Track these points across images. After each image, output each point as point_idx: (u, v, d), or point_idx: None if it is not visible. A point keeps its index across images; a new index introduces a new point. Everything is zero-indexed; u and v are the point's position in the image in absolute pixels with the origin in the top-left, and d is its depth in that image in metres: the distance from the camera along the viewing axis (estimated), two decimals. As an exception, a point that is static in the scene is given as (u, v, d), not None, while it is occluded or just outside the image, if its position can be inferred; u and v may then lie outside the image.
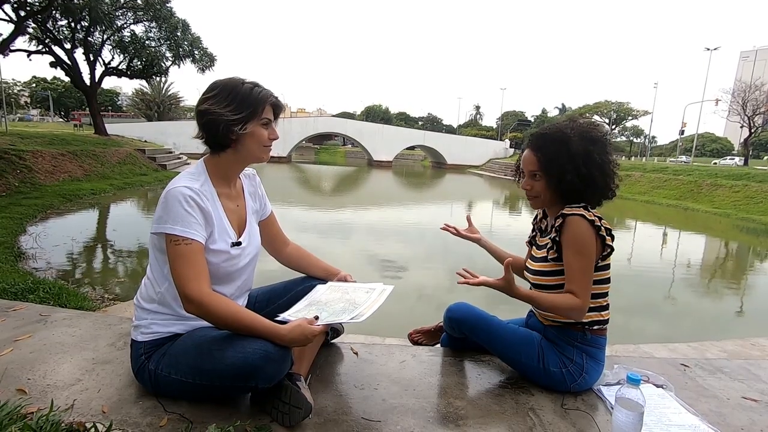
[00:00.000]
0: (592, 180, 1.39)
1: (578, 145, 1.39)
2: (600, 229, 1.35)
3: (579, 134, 1.41)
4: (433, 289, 5.41)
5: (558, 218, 1.41)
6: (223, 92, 1.28)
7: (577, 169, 1.38)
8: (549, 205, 1.52)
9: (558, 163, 1.39)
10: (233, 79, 1.31)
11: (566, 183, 1.39)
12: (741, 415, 1.45)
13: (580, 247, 1.35)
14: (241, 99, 1.27)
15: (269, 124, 1.34)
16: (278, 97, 1.36)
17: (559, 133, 1.43)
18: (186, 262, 1.19)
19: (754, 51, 71.68)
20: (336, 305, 1.35)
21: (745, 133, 25.52)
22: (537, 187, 1.47)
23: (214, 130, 1.27)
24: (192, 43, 19.12)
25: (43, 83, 52.85)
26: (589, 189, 1.40)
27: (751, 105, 24.18)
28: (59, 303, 3.23)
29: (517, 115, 63.88)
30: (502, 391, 1.49)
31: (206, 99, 1.28)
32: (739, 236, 11.87)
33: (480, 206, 16.81)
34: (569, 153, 1.39)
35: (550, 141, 1.43)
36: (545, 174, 1.43)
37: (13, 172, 9.63)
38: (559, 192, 1.43)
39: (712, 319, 5.18)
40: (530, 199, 1.52)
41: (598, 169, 1.40)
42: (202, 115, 1.28)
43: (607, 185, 1.43)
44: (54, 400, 1.24)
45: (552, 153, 1.41)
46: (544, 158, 1.42)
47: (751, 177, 16.62)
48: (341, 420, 1.28)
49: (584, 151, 1.39)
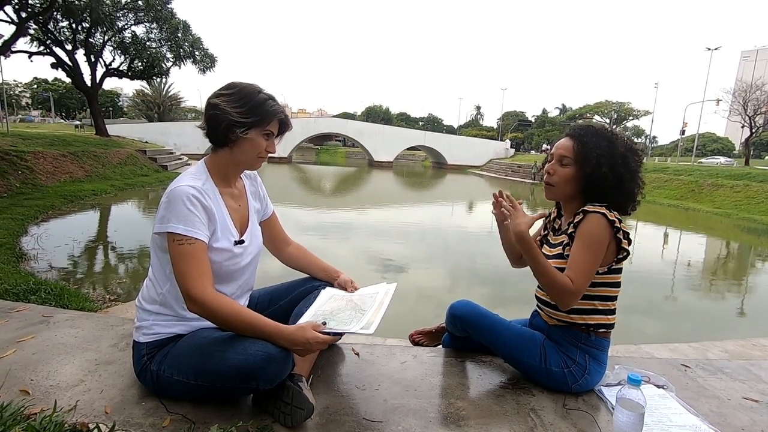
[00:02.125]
0: (623, 183, 1.40)
1: (621, 147, 1.42)
2: (618, 231, 1.34)
3: (623, 139, 1.45)
4: (434, 290, 5.40)
5: (578, 215, 1.40)
6: (238, 94, 1.30)
7: (614, 167, 1.38)
8: (564, 197, 1.50)
9: (597, 155, 1.39)
10: (252, 85, 1.33)
11: (599, 177, 1.39)
12: (742, 416, 1.45)
13: (590, 242, 1.34)
14: (252, 105, 1.29)
15: (271, 137, 1.35)
16: (287, 115, 1.38)
17: (605, 131, 1.45)
18: (189, 262, 1.20)
19: (755, 51, 71.44)
20: (343, 313, 1.35)
21: (746, 133, 25.48)
22: (559, 175, 1.45)
23: (217, 125, 1.29)
24: (193, 44, 19.12)
25: (44, 84, 52.95)
26: (616, 191, 1.40)
27: (752, 105, 24.11)
28: (61, 304, 3.23)
29: (517, 115, 63.83)
30: (504, 392, 1.49)
31: (220, 95, 1.30)
32: (740, 236, 11.85)
33: (481, 207, 16.81)
34: (611, 149, 1.40)
35: (593, 133, 1.44)
36: (578, 162, 1.42)
37: (14, 173, 9.64)
38: (586, 186, 1.42)
39: (713, 320, 5.17)
40: (546, 185, 1.50)
41: (632, 176, 1.41)
42: (210, 108, 1.30)
43: (633, 195, 1.44)
44: (57, 401, 1.25)
45: (592, 144, 1.41)
46: (583, 147, 1.41)
47: (752, 177, 16.58)
48: (343, 420, 1.28)
49: (624, 154, 1.41)
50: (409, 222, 11.15)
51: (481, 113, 79.00)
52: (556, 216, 1.63)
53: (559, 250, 1.48)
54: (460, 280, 6.00)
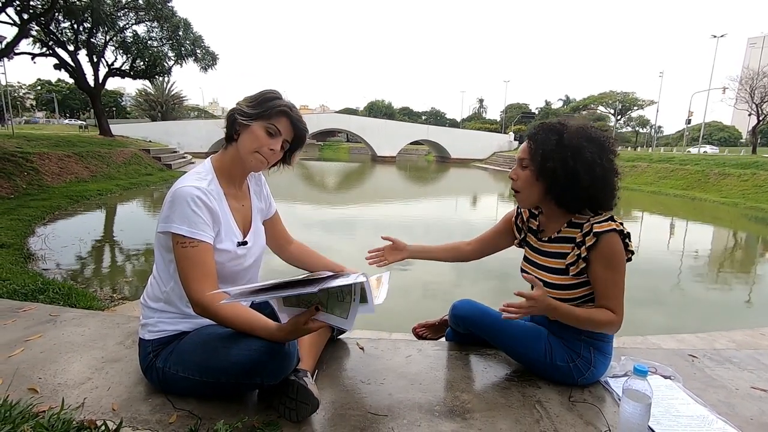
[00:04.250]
0: (577, 177, 1.29)
1: (573, 139, 1.31)
2: (626, 237, 1.33)
3: (576, 130, 1.33)
4: (438, 284, 5.40)
5: (588, 235, 1.32)
6: (257, 93, 1.34)
7: (564, 161, 1.30)
8: (533, 202, 1.44)
9: (543, 151, 1.33)
10: (275, 91, 1.36)
11: (549, 174, 1.33)
12: (750, 405, 1.44)
13: (615, 263, 1.31)
14: (261, 100, 1.32)
15: (276, 136, 1.31)
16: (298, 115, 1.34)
17: (557, 125, 1.37)
18: (192, 264, 1.20)
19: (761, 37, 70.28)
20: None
21: (753, 121, 25.16)
22: (522, 179, 1.40)
23: (228, 119, 1.34)
24: (194, 43, 19.12)
25: (48, 85, 53.23)
26: (576, 187, 1.30)
27: (759, 92, 23.79)
28: (68, 303, 3.27)
29: (521, 107, 63.49)
30: (509, 384, 1.49)
31: (245, 98, 1.35)
32: (748, 225, 11.74)
33: (485, 200, 16.75)
34: (559, 143, 1.32)
35: (544, 129, 1.38)
36: (533, 162, 1.36)
37: (20, 174, 9.71)
38: (546, 187, 1.36)
39: (721, 309, 5.14)
40: (514, 193, 1.44)
41: (589, 168, 1.29)
42: (231, 110, 1.35)
43: (603, 188, 1.33)
44: (65, 399, 1.26)
45: (542, 140, 1.35)
46: (535, 145, 1.36)
47: (759, 165, 16.38)
48: (348, 415, 1.29)
49: (576, 146, 1.30)
50: (413, 216, 11.13)
51: (483, 106, 78.75)
52: (529, 216, 1.57)
53: (557, 263, 1.41)
54: (464, 274, 5.99)
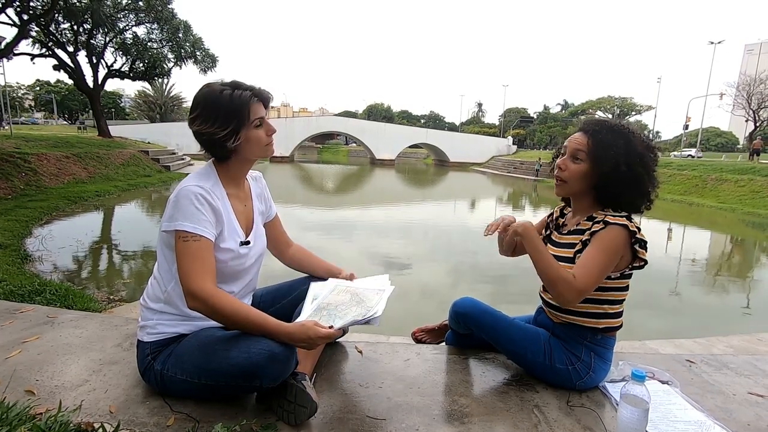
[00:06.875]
0: (640, 181, 1.36)
1: (639, 145, 1.37)
2: (637, 242, 1.32)
3: (640, 137, 1.40)
4: (437, 287, 5.40)
5: (597, 222, 1.35)
6: (206, 108, 1.26)
7: (632, 166, 1.34)
8: (575, 193, 1.46)
9: (614, 153, 1.34)
10: (212, 87, 1.28)
11: (617, 176, 1.35)
12: (747, 411, 1.44)
13: (606, 246, 1.31)
14: (224, 111, 1.25)
15: (263, 122, 1.33)
16: (260, 88, 1.32)
17: (621, 127, 1.40)
18: (193, 259, 1.20)
19: (759, 44, 70.72)
20: (346, 307, 1.35)
21: (750, 127, 25.32)
22: (571, 171, 1.41)
23: (212, 148, 1.31)
24: (194, 44, 19.15)
25: (47, 86, 53.12)
26: (632, 190, 1.36)
27: (756, 98, 23.98)
28: (66, 305, 3.26)
29: (519, 111, 63.54)
30: (507, 389, 1.49)
31: (193, 119, 1.28)
32: (745, 231, 11.79)
33: (484, 204, 16.77)
34: (628, 147, 1.35)
35: (609, 129, 1.39)
36: (592, 159, 1.37)
37: (18, 175, 9.69)
38: (600, 183, 1.38)
39: (718, 315, 5.15)
40: (557, 181, 1.46)
41: (649, 175, 1.37)
42: (196, 135, 1.30)
43: (648, 194, 1.40)
44: (62, 401, 1.25)
45: (609, 140, 1.36)
46: (597, 144, 1.37)
47: (756, 171, 16.49)
48: (346, 418, 1.29)
49: (642, 153, 1.36)
50: (412, 220, 11.14)
51: (482, 110, 78.81)
52: (558, 215, 1.60)
53: (567, 252, 1.44)
54: (463, 277, 5.99)
